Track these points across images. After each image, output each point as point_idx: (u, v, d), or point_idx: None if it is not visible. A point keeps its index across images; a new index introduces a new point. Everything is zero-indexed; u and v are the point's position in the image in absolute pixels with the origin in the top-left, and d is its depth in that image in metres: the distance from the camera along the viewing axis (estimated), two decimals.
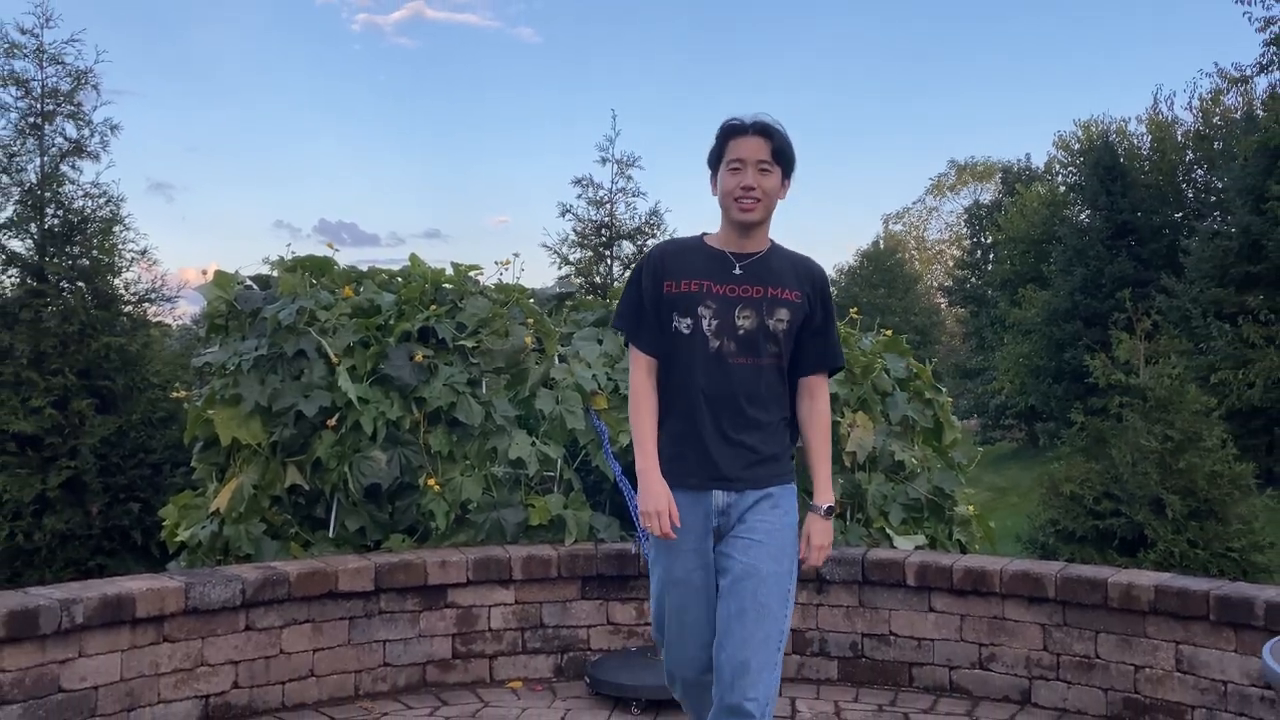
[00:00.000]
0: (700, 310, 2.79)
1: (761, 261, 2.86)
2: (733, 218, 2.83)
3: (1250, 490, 7.28)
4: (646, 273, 2.88)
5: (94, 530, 6.96)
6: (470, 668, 4.52)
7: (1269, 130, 20.35)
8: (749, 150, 2.79)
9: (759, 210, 2.81)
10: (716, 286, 2.80)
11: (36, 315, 7.09)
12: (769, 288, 2.82)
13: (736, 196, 2.79)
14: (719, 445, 2.80)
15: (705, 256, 2.86)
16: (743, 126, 2.82)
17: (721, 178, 2.84)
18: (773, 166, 2.81)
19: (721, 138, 2.86)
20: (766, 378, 2.82)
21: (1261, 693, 3.75)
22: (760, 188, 2.79)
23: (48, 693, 3.57)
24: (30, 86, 7.40)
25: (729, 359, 2.78)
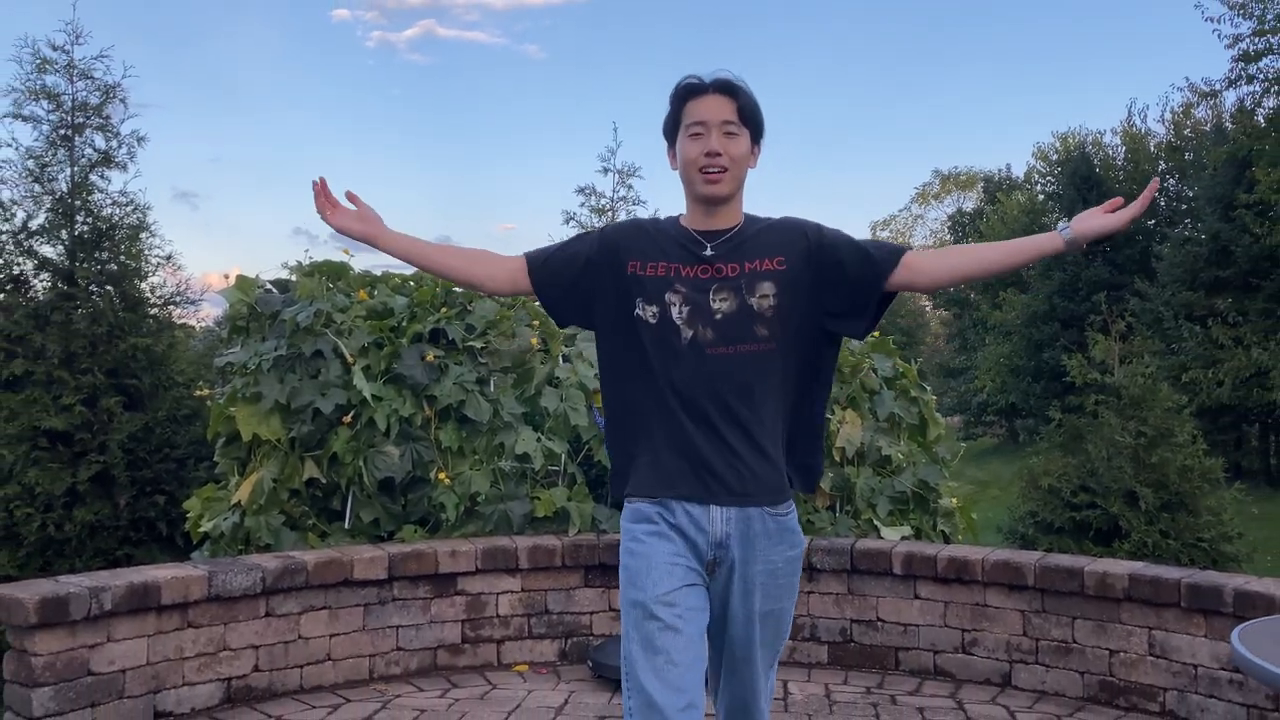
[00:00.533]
0: (669, 296, 2.24)
1: (735, 237, 2.29)
2: (698, 191, 2.27)
3: (1219, 483, 7.27)
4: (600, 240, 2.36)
5: (122, 521, 6.95)
6: (479, 652, 4.52)
7: (1237, 142, 20.38)
8: (711, 111, 2.25)
9: (727, 180, 2.26)
10: (686, 268, 2.26)
11: (67, 317, 7.08)
12: (745, 263, 2.26)
13: (701, 166, 2.25)
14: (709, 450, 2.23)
15: (673, 238, 2.31)
16: (701, 85, 2.28)
17: (681, 146, 2.29)
18: (740, 129, 2.27)
19: (678, 100, 2.30)
20: (756, 367, 2.24)
21: (1230, 675, 3.75)
22: (727, 154, 2.25)
23: (78, 676, 3.57)
24: (61, 100, 7.38)
25: (707, 349, 2.23)
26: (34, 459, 6.81)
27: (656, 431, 2.27)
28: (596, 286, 2.34)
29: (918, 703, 4.06)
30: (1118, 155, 31.56)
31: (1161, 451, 6.95)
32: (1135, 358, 8.53)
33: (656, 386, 2.26)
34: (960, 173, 51.01)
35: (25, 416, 6.78)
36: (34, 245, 7.32)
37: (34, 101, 7.30)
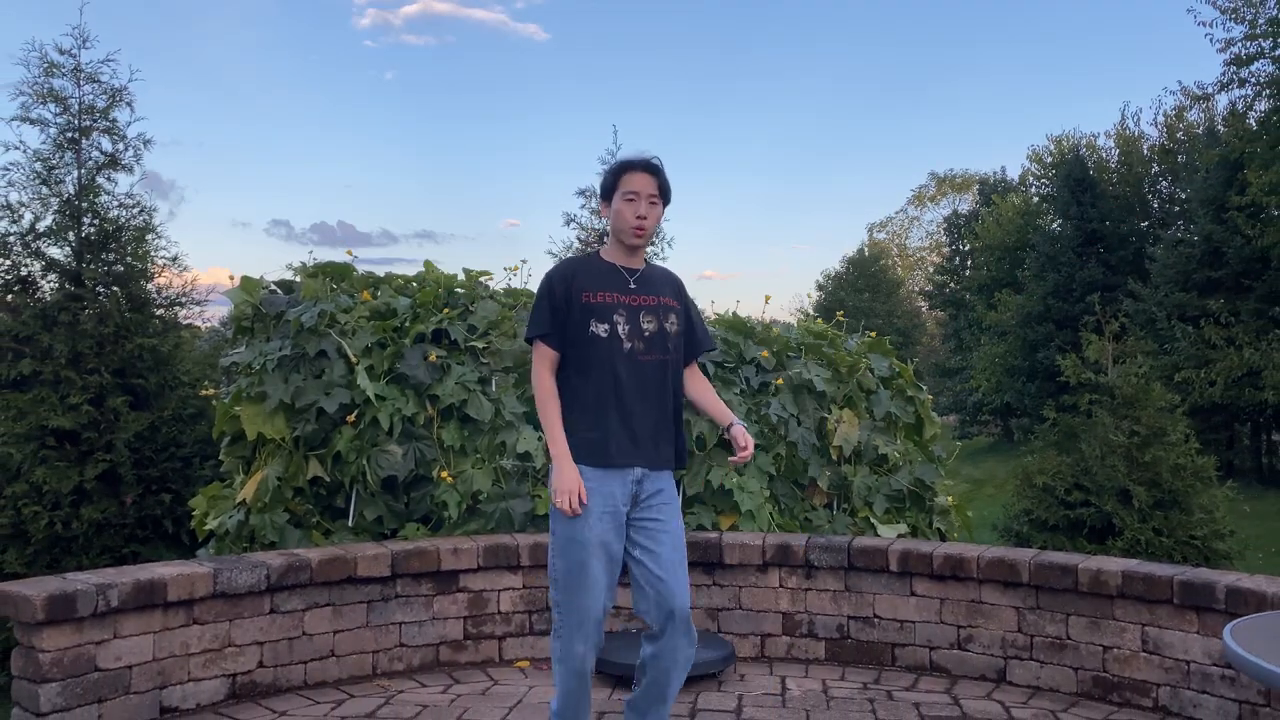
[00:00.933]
0: (615, 316, 3.04)
1: (645, 276, 3.15)
2: (627, 242, 3.10)
3: (1211, 482, 7.28)
4: (559, 284, 3.09)
5: (128, 519, 6.96)
6: (481, 648, 4.52)
7: (1229, 145, 20.39)
8: (641, 184, 3.07)
9: (646, 237, 3.10)
10: (622, 296, 3.07)
11: (74, 318, 7.08)
12: (659, 297, 3.12)
13: (633, 225, 3.06)
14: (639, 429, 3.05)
15: (604, 271, 3.11)
16: (635, 163, 3.09)
17: (617, 205, 3.09)
18: (658, 200, 3.10)
19: (617, 172, 3.11)
20: (667, 371, 3.10)
21: (1222, 671, 3.75)
22: (650, 218, 3.08)
23: (85, 671, 3.57)
24: (68, 103, 7.39)
25: (638, 356, 3.04)
26: (41, 458, 6.82)
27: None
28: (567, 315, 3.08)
29: (914, 698, 4.06)
30: (1111, 158, 31.57)
31: (1154, 450, 6.95)
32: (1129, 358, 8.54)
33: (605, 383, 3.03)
34: (956, 175, 51.07)
35: (33, 416, 6.78)
36: (41, 247, 7.32)
37: (41, 105, 7.31)
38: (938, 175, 52.27)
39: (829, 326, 5.91)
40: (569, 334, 3.06)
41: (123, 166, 7.52)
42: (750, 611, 4.62)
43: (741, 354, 5.38)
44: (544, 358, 3.09)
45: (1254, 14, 19.11)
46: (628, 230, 3.07)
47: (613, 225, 3.15)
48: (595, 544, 3.00)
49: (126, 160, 7.52)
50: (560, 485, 2.98)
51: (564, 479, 2.98)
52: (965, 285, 37.64)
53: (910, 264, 53.80)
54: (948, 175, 51.62)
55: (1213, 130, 24.69)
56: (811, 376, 5.30)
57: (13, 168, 7.24)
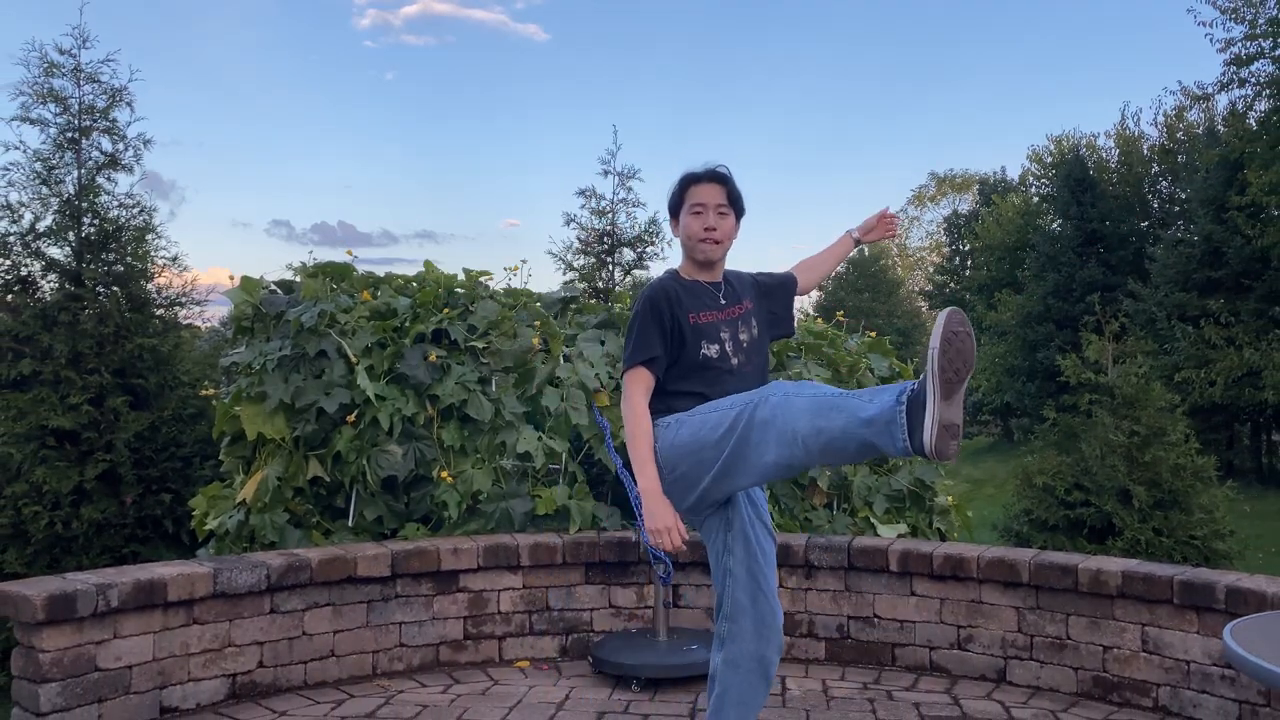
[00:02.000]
0: (721, 335, 2.93)
1: (729, 285, 3.06)
2: (698, 256, 2.98)
3: (1211, 482, 7.28)
4: (663, 304, 2.91)
5: (128, 519, 6.95)
6: (481, 648, 4.52)
7: (1229, 145, 20.40)
8: (708, 195, 2.96)
9: (720, 249, 2.99)
10: (719, 314, 2.97)
11: (74, 318, 7.08)
12: (743, 303, 3.04)
13: (701, 238, 2.95)
14: None
15: (697, 291, 2.99)
16: (701, 175, 2.99)
17: (684, 221, 2.98)
18: (729, 210, 2.99)
19: (682, 186, 3.01)
20: (760, 377, 3.01)
21: (1222, 671, 3.75)
22: (720, 229, 2.96)
23: (85, 671, 3.57)
24: (68, 103, 7.38)
25: (745, 370, 2.95)
26: (42, 457, 6.82)
27: None
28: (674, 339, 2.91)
29: (914, 698, 4.06)
30: (1111, 158, 31.57)
31: (1154, 450, 6.96)
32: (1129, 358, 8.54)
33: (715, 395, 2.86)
34: (956, 175, 51.08)
35: (33, 416, 6.78)
36: (41, 247, 7.32)
37: (41, 105, 7.30)
38: (938, 175, 52.29)
39: (829, 326, 5.91)
40: (677, 357, 2.89)
41: (123, 166, 7.51)
42: None
43: None
44: (641, 383, 2.86)
45: (1254, 14, 19.12)
46: (697, 244, 2.96)
47: (683, 243, 3.02)
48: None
49: (126, 160, 7.52)
50: (656, 525, 2.73)
51: (659, 518, 2.73)
52: (965, 285, 37.65)
53: (910, 264, 53.80)
54: (948, 175, 51.63)
55: (1213, 130, 24.69)
56: (812, 376, 5.30)
57: (13, 168, 7.24)
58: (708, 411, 2.78)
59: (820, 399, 2.60)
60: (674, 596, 4.66)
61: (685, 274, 3.03)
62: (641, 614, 4.64)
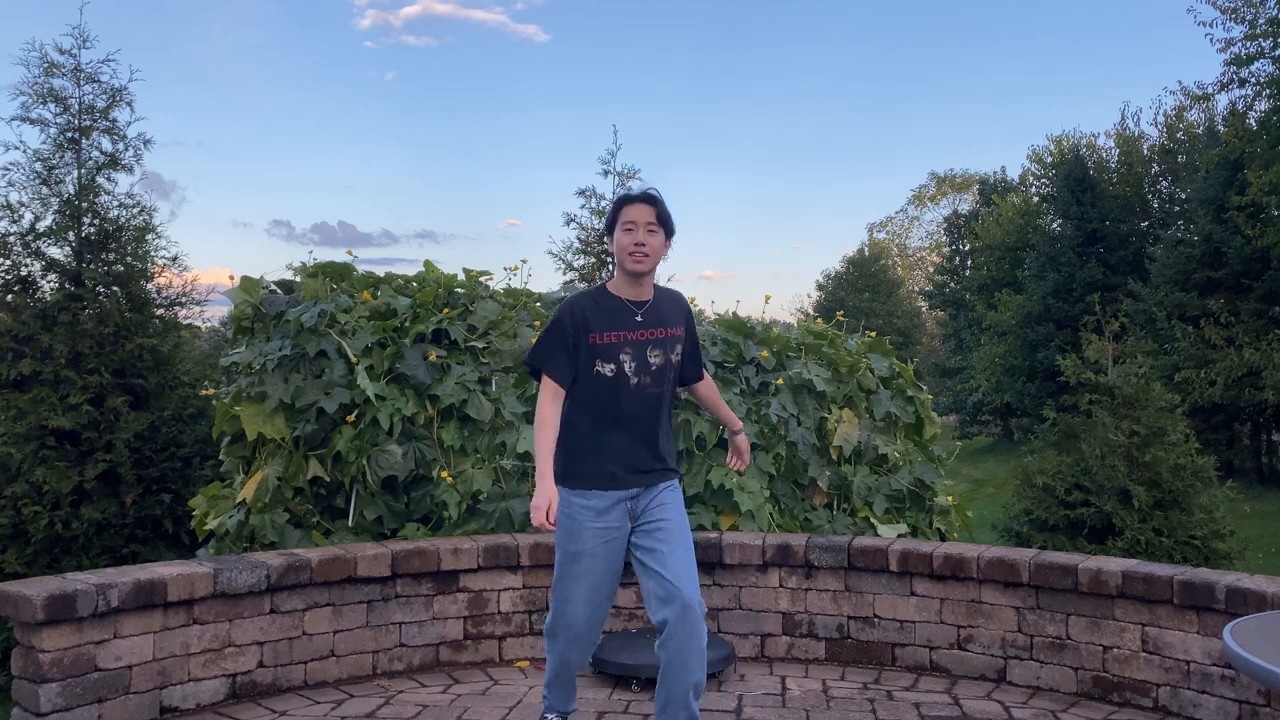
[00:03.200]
0: (621, 356, 3.18)
1: (653, 307, 3.26)
2: (628, 269, 3.20)
3: (1211, 482, 7.28)
4: (568, 323, 3.20)
5: (128, 519, 6.96)
6: (481, 648, 4.52)
7: (1229, 145, 20.37)
8: (639, 215, 3.19)
9: (648, 263, 3.19)
10: (630, 334, 3.20)
11: (74, 318, 7.08)
12: (665, 328, 3.25)
13: (630, 252, 3.17)
14: (637, 453, 3.23)
15: (613, 309, 3.22)
16: (633, 197, 3.24)
17: (617, 237, 3.21)
18: (657, 228, 3.20)
19: (616, 206, 3.26)
20: (667, 399, 3.29)
21: (1222, 671, 3.75)
22: (649, 244, 3.17)
23: (85, 672, 3.57)
24: (68, 103, 7.39)
25: (646, 390, 3.21)
26: (42, 457, 6.82)
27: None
28: (576, 353, 3.21)
29: (914, 698, 4.06)
30: (1111, 158, 31.53)
31: (1154, 450, 6.96)
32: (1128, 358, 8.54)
33: (609, 416, 3.20)
34: (956, 175, 51.09)
35: (33, 415, 6.79)
36: (41, 247, 7.33)
37: (42, 105, 7.31)
38: (938, 175, 52.34)
39: (829, 326, 5.91)
40: (578, 370, 3.20)
41: (123, 166, 7.52)
42: (750, 611, 4.61)
43: (741, 354, 5.38)
44: (547, 388, 3.21)
45: (1254, 14, 19.09)
46: (626, 257, 3.18)
47: (616, 257, 3.25)
48: (590, 566, 3.22)
49: (126, 160, 7.53)
50: (536, 501, 3.08)
51: (540, 494, 3.08)
52: (965, 285, 37.63)
53: (910, 264, 53.81)
54: (948, 175, 51.66)
55: (1213, 130, 24.66)
56: (811, 376, 5.30)
57: (13, 168, 7.25)
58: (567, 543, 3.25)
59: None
60: None
61: (614, 289, 3.26)
62: (641, 614, 4.64)
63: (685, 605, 3.09)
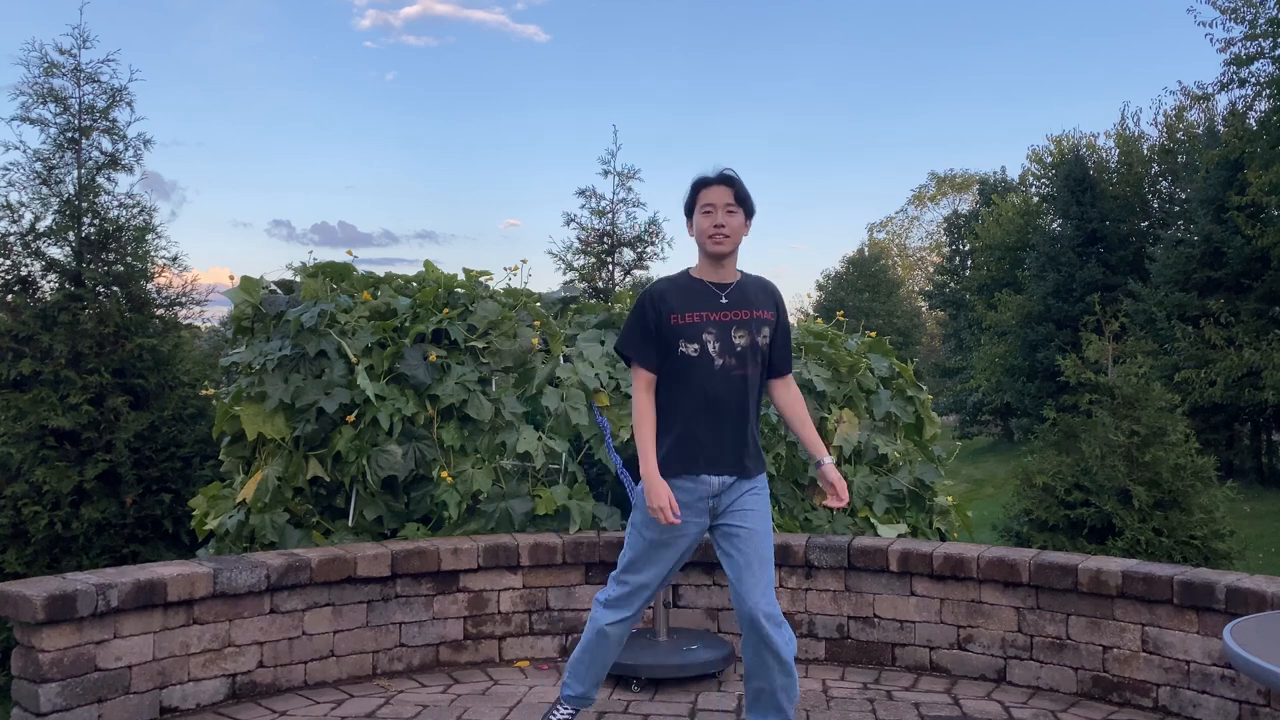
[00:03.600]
0: (704, 336, 3.15)
1: (739, 288, 3.24)
2: (708, 251, 3.20)
3: (1211, 482, 7.27)
4: (648, 306, 3.21)
5: (128, 519, 6.96)
6: (481, 648, 4.52)
7: (1229, 145, 20.36)
8: (717, 196, 3.19)
9: (728, 244, 3.19)
10: (713, 314, 3.18)
11: (74, 318, 7.08)
12: (752, 310, 3.21)
13: (710, 234, 3.18)
14: (722, 441, 3.18)
15: (694, 290, 3.21)
16: (710, 179, 3.23)
17: (696, 220, 3.22)
18: (736, 208, 3.20)
19: (694, 189, 3.25)
20: (755, 383, 3.23)
21: (1222, 671, 3.75)
22: (728, 225, 3.18)
23: (84, 672, 3.57)
24: (68, 103, 7.39)
25: (731, 372, 3.16)
26: (41, 457, 6.82)
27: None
28: (659, 337, 3.21)
29: (914, 698, 4.06)
30: (1111, 158, 31.52)
31: (1154, 450, 6.96)
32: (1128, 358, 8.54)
33: (696, 399, 3.16)
34: (956, 175, 51.10)
35: (33, 415, 6.78)
36: (41, 247, 7.32)
37: (42, 105, 7.30)
38: (938, 175, 52.34)
39: (829, 326, 5.91)
40: (662, 354, 3.19)
41: (123, 166, 7.51)
42: None
43: None
44: (639, 378, 3.23)
45: (1254, 14, 19.08)
46: (706, 238, 3.19)
47: (696, 240, 3.25)
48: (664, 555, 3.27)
49: (126, 160, 7.52)
50: (653, 502, 3.11)
51: (655, 495, 3.10)
52: (965, 285, 37.62)
53: (910, 264, 53.81)
54: (948, 175, 51.66)
55: (1213, 130, 24.64)
56: (811, 376, 5.30)
57: (13, 168, 7.24)
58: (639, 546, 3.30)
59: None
60: (674, 596, 4.66)
61: (697, 273, 3.26)
62: (642, 614, 4.64)
63: (751, 618, 3.11)
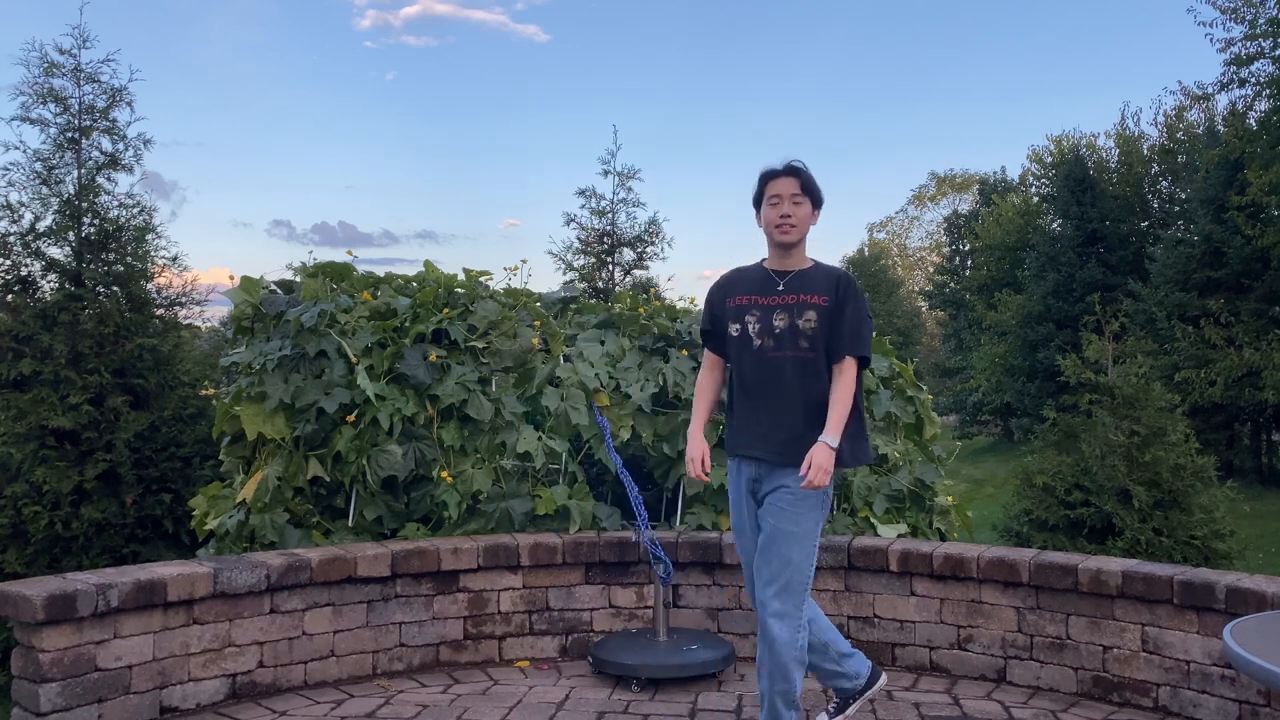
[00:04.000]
0: (747, 318, 3.29)
1: (800, 276, 3.31)
2: (775, 240, 3.31)
3: (1211, 482, 7.27)
4: (716, 291, 3.42)
5: (128, 519, 6.96)
6: (481, 648, 4.52)
7: (1229, 145, 20.35)
8: (783, 187, 3.28)
9: (795, 233, 3.29)
10: (761, 299, 3.29)
11: (74, 318, 7.08)
12: (800, 294, 3.26)
13: (776, 224, 3.28)
14: (759, 423, 3.27)
15: (756, 277, 3.36)
16: (777, 171, 3.32)
17: (764, 211, 3.33)
18: (803, 198, 3.29)
19: (761, 181, 3.35)
20: (797, 367, 3.22)
21: (1222, 671, 3.75)
22: (795, 216, 3.28)
23: (85, 672, 3.57)
24: (68, 103, 7.39)
25: (768, 353, 3.25)
26: (42, 457, 6.82)
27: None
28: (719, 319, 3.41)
29: (914, 698, 4.06)
30: (1111, 158, 31.51)
31: (1154, 450, 6.95)
32: (1128, 358, 8.54)
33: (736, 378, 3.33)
34: (956, 175, 51.07)
35: (33, 415, 6.78)
36: (41, 247, 7.32)
37: (42, 105, 7.30)
38: (938, 175, 52.32)
39: None
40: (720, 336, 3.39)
41: (123, 166, 7.51)
42: (750, 611, 4.61)
43: None
44: (706, 357, 3.50)
45: (1254, 14, 19.08)
46: (773, 228, 3.29)
47: (764, 230, 3.35)
48: (737, 522, 3.39)
49: (126, 160, 7.52)
50: (689, 454, 3.35)
51: (691, 447, 3.35)
52: (965, 285, 37.61)
53: (910, 264, 53.81)
54: (948, 175, 51.65)
55: (1213, 130, 24.64)
56: None
57: (13, 168, 7.25)
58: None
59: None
60: (674, 596, 4.66)
61: (768, 263, 3.38)
62: (641, 614, 4.64)
63: (762, 621, 3.20)
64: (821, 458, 3.08)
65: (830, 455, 3.09)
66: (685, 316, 5.75)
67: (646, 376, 5.16)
